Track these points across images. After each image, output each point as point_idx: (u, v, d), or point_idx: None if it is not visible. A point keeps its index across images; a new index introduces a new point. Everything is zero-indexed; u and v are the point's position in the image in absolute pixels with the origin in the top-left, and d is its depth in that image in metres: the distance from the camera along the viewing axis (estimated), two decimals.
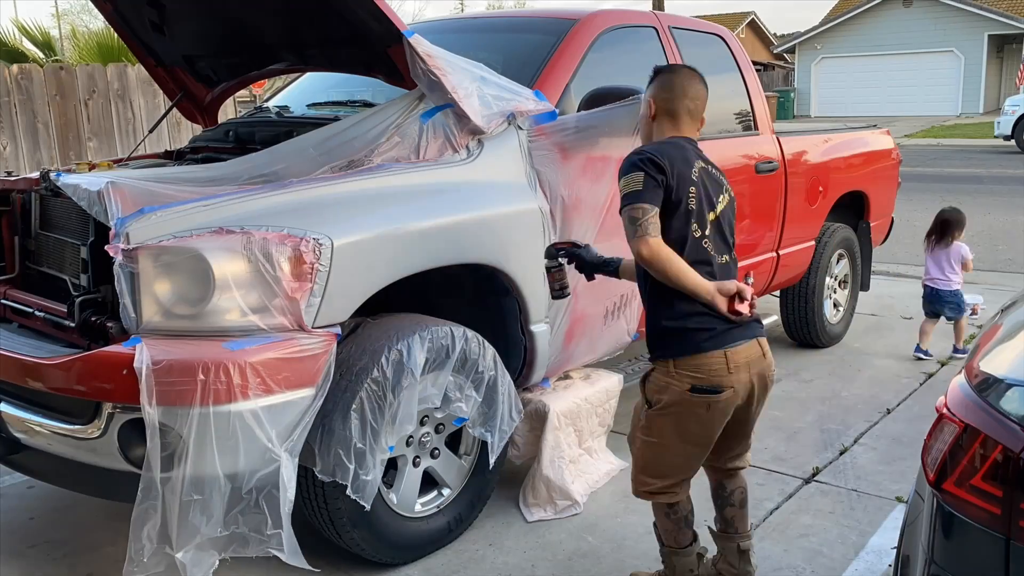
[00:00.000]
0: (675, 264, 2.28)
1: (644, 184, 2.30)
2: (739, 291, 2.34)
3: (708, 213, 2.39)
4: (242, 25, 3.66)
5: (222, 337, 2.44)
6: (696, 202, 2.35)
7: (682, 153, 2.40)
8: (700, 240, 2.37)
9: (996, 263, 7.90)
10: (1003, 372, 1.81)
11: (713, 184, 2.44)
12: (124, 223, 2.44)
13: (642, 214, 2.28)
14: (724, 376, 2.33)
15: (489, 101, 3.12)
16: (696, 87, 2.55)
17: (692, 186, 2.35)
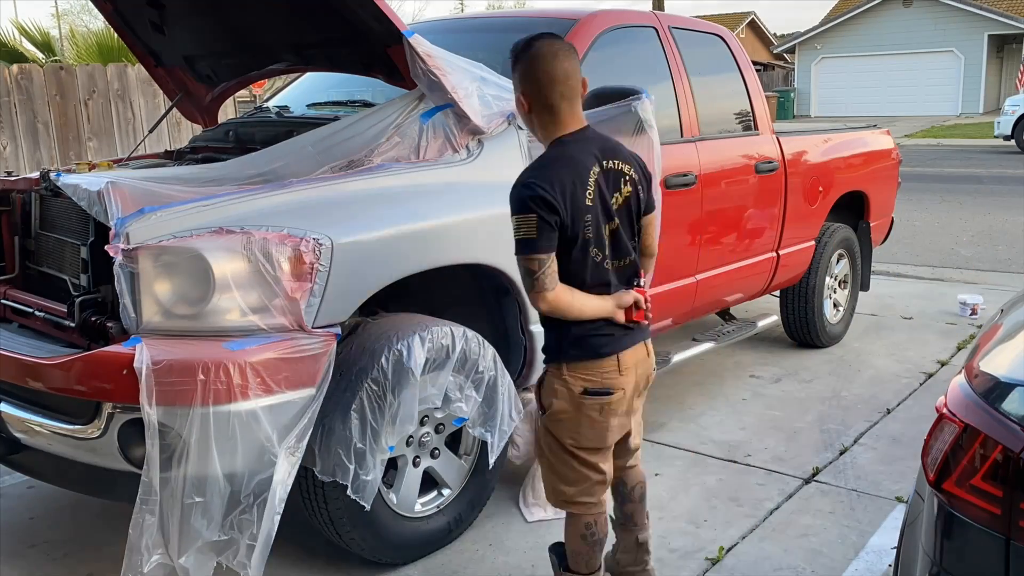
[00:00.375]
0: (575, 307, 2.26)
1: (538, 230, 2.16)
2: (635, 302, 2.35)
3: (606, 225, 2.29)
4: (242, 25, 3.66)
5: (222, 337, 2.44)
6: (593, 228, 2.24)
7: (574, 171, 2.22)
8: (601, 263, 2.31)
9: (996, 263, 7.90)
10: (1003, 372, 1.81)
11: (612, 184, 2.30)
12: (124, 223, 2.44)
13: (539, 266, 2.19)
14: (615, 378, 2.34)
15: (489, 101, 3.12)
16: (561, 66, 2.23)
17: (587, 213, 2.22)
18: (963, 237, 9.22)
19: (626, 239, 2.37)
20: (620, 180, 2.33)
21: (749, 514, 3.35)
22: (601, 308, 2.30)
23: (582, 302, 2.27)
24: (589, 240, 2.25)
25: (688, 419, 4.30)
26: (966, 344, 5.42)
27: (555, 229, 2.18)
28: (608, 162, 2.30)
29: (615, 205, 2.31)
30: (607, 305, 2.31)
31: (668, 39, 4.15)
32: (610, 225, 2.30)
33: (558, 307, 2.24)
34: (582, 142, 2.28)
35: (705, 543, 3.14)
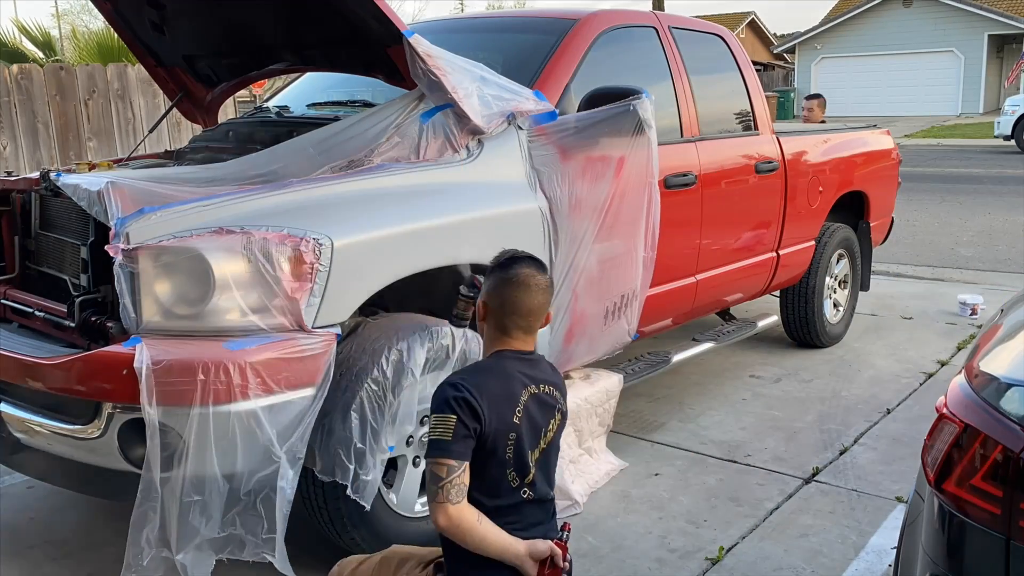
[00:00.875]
0: (477, 533, 1.94)
1: (454, 433, 1.92)
2: (552, 555, 1.98)
3: (532, 453, 2.05)
4: (242, 25, 3.66)
5: (222, 337, 2.44)
6: (514, 449, 2.01)
7: (507, 386, 2.03)
8: (518, 489, 2.03)
9: (996, 263, 7.90)
10: (1003, 372, 1.81)
11: (543, 411, 2.09)
12: (124, 223, 2.44)
13: (447, 473, 1.91)
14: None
15: (489, 101, 3.12)
16: (532, 300, 2.09)
17: (512, 432, 2.00)
18: (963, 237, 9.22)
19: (548, 472, 2.13)
20: (554, 409, 2.13)
21: (749, 514, 3.35)
22: (508, 549, 1.96)
23: (486, 531, 1.95)
24: (507, 461, 2.01)
25: (688, 419, 4.30)
26: (966, 344, 5.42)
27: (472, 438, 1.95)
28: (543, 387, 2.10)
29: (548, 434, 2.11)
30: (516, 548, 1.97)
31: (668, 39, 4.15)
32: (535, 453, 2.07)
33: (459, 527, 1.93)
34: (522, 361, 2.10)
35: (705, 543, 3.14)
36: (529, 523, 2.05)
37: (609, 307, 3.53)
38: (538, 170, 3.24)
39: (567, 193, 3.25)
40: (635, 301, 3.60)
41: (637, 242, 3.48)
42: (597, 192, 3.33)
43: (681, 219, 3.93)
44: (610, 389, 3.68)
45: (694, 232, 4.10)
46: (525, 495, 2.05)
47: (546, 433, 2.10)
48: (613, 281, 3.47)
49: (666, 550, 3.10)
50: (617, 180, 3.32)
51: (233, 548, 2.48)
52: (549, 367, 2.20)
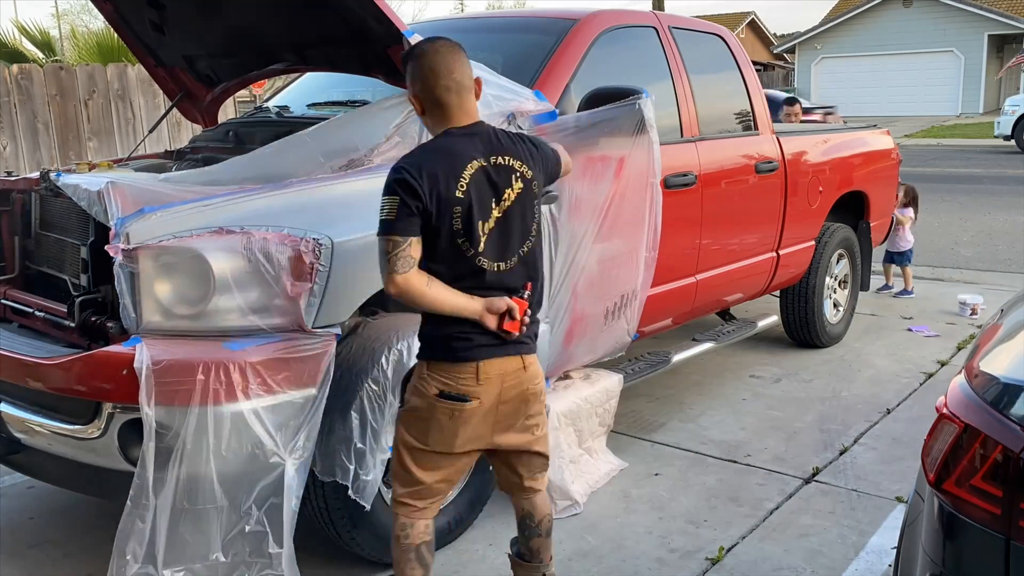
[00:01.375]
0: (427, 296, 2.16)
1: (397, 212, 2.11)
2: (509, 309, 2.20)
3: (483, 223, 2.18)
4: (242, 25, 3.66)
5: (222, 337, 2.44)
6: (463, 220, 2.15)
7: (448, 161, 2.17)
8: (472, 258, 2.19)
9: (996, 263, 7.90)
10: (1003, 372, 1.81)
11: (496, 181, 2.21)
12: (124, 223, 2.44)
13: (392, 247, 2.11)
14: (472, 387, 2.23)
15: (489, 101, 3.11)
16: (443, 61, 2.21)
17: (456, 205, 2.14)
18: (963, 237, 9.21)
19: (513, 240, 2.25)
20: (510, 177, 2.23)
21: (749, 514, 3.35)
22: (462, 306, 2.19)
23: (437, 293, 2.17)
24: (458, 232, 2.16)
25: (688, 419, 4.30)
26: (966, 344, 5.42)
27: (416, 215, 2.12)
28: (496, 158, 2.22)
29: (503, 202, 2.22)
30: (472, 305, 2.19)
31: (668, 39, 4.15)
32: (488, 223, 2.20)
33: (407, 292, 2.14)
34: (468, 136, 2.22)
35: (705, 543, 3.14)
36: (489, 288, 2.22)
37: (609, 307, 3.53)
38: None
39: (567, 193, 3.25)
40: (635, 301, 3.60)
41: (637, 242, 3.48)
42: (597, 192, 3.32)
43: (681, 219, 3.93)
44: (610, 389, 3.68)
45: (694, 232, 4.10)
46: (480, 263, 2.20)
47: (501, 202, 2.22)
48: (613, 281, 3.47)
49: (666, 550, 3.10)
50: (617, 180, 3.32)
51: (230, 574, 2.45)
52: (505, 136, 2.28)
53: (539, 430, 2.43)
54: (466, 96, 2.24)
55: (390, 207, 2.12)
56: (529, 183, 2.27)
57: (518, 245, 2.26)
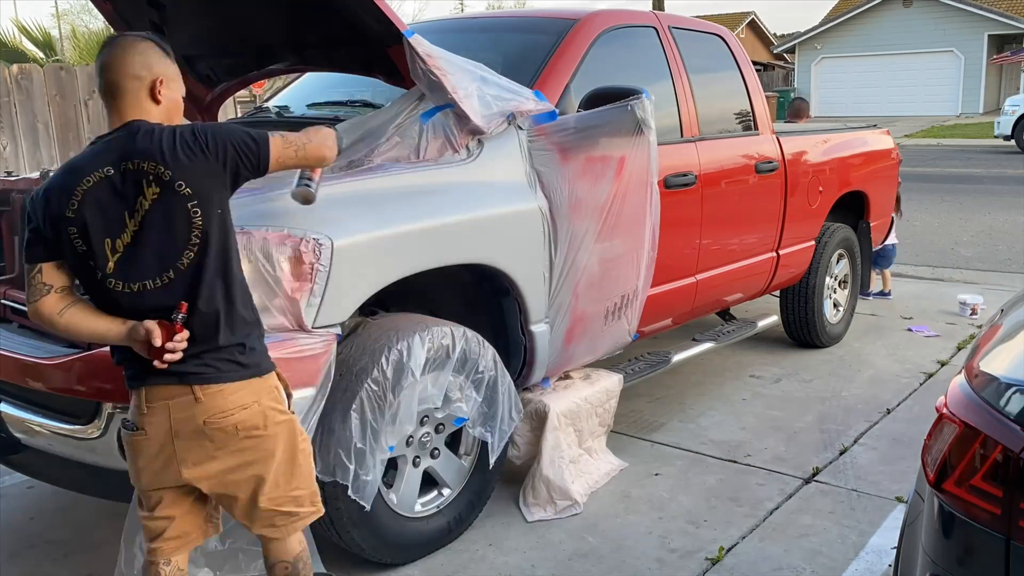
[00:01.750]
0: (60, 325, 2.01)
1: (27, 239, 2.01)
2: (148, 334, 1.94)
3: (113, 240, 1.96)
4: (242, 25, 3.66)
5: None
6: (83, 241, 1.96)
7: (67, 178, 1.97)
8: (104, 280, 1.98)
9: (996, 263, 7.90)
10: (1003, 372, 1.81)
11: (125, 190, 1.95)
12: None
13: (27, 274, 2.01)
14: (139, 416, 2.06)
15: (489, 101, 3.12)
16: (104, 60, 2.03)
17: (70, 225, 1.95)
18: (963, 237, 9.22)
19: (159, 254, 1.98)
20: (140, 182, 1.95)
21: (749, 514, 3.35)
22: (105, 333, 2.00)
23: (71, 320, 2.01)
24: (84, 254, 1.97)
25: (688, 419, 4.30)
26: (966, 344, 5.42)
27: (38, 241, 1.99)
28: (128, 164, 1.95)
29: (136, 214, 1.96)
30: (116, 330, 1.99)
31: (668, 39, 4.15)
32: (120, 239, 1.96)
33: (41, 321, 2.03)
34: (105, 143, 2.01)
35: (705, 543, 3.14)
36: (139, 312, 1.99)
37: (609, 307, 3.53)
38: (538, 170, 3.24)
39: (567, 193, 3.25)
40: (635, 301, 3.60)
41: (637, 242, 3.48)
42: (597, 192, 3.33)
43: (681, 219, 3.94)
44: (610, 389, 3.68)
45: (694, 232, 4.10)
46: (111, 284, 1.98)
47: (135, 213, 1.96)
48: (613, 281, 3.47)
49: (666, 550, 3.10)
50: (617, 180, 3.32)
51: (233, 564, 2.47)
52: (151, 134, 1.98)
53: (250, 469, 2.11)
54: (122, 97, 2.01)
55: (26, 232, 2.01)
56: (169, 186, 1.95)
57: (169, 260, 1.98)
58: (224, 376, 2.04)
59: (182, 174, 1.96)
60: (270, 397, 2.13)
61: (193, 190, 1.97)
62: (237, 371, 2.06)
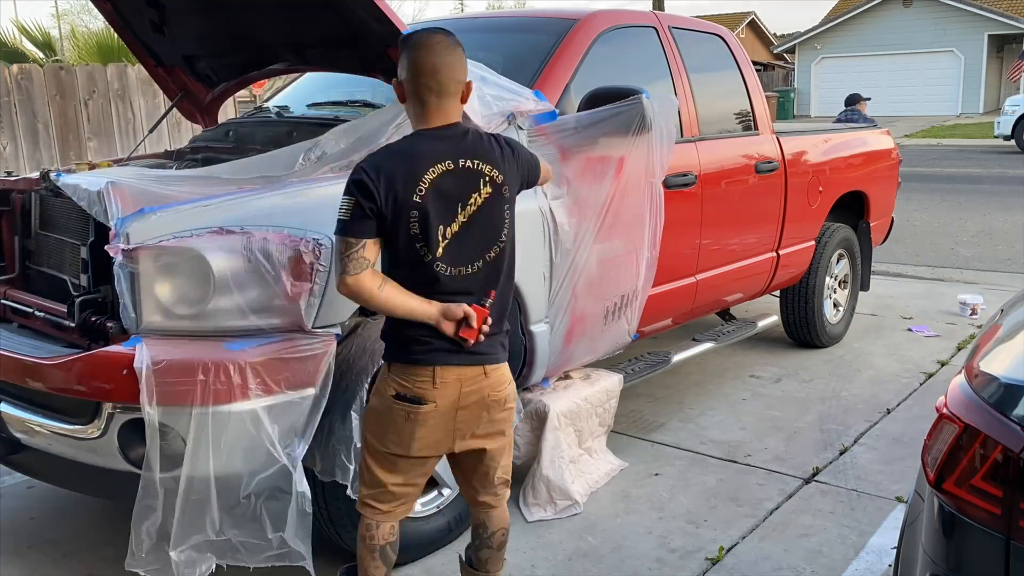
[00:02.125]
0: (379, 298, 2.13)
1: (352, 213, 2.10)
2: (466, 316, 2.16)
3: (445, 227, 2.14)
4: (242, 25, 3.66)
5: (222, 337, 2.44)
6: (420, 225, 2.12)
7: (408, 164, 2.13)
8: (431, 264, 2.15)
9: (996, 263, 7.90)
10: (1003, 372, 1.81)
11: (461, 185, 2.17)
12: (124, 223, 2.44)
13: (345, 248, 2.11)
14: (427, 390, 2.20)
15: (489, 101, 3.11)
16: (431, 59, 2.16)
17: (414, 209, 2.10)
18: (963, 237, 9.22)
19: (478, 245, 2.20)
20: (478, 180, 2.18)
21: (749, 514, 3.35)
22: (417, 310, 2.16)
23: (389, 296, 2.14)
24: (415, 237, 2.13)
25: (688, 419, 4.30)
26: (966, 344, 5.42)
27: (371, 217, 2.10)
28: (465, 161, 2.17)
29: (468, 206, 2.17)
30: (428, 310, 2.16)
31: (668, 39, 4.15)
32: (450, 227, 2.16)
33: (359, 294, 2.13)
34: (439, 139, 2.18)
35: (705, 543, 3.14)
36: (448, 294, 2.18)
37: (609, 307, 3.53)
38: None
39: (567, 193, 3.25)
40: (635, 301, 3.60)
41: (638, 242, 3.48)
42: (597, 192, 3.33)
43: (681, 219, 3.93)
44: (610, 389, 3.68)
45: (694, 232, 4.10)
46: (438, 268, 2.16)
47: (465, 206, 2.17)
48: (613, 281, 3.47)
49: (666, 550, 3.10)
50: (617, 180, 3.32)
51: (231, 555, 2.48)
52: (478, 139, 2.23)
53: (500, 439, 2.38)
54: (447, 99, 2.19)
55: (346, 208, 2.11)
56: (499, 187, 2.22)
57: (483, 251, 2.21)
58: (502, 357, 2.34)
59: (508, 179, 2.25)
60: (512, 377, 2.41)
61: (511, 194, 2.27)
62: (504, 353, 2.36)
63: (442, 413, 2.23)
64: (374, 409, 2.30)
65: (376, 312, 2.25)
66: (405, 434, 2.24)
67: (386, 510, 2.35)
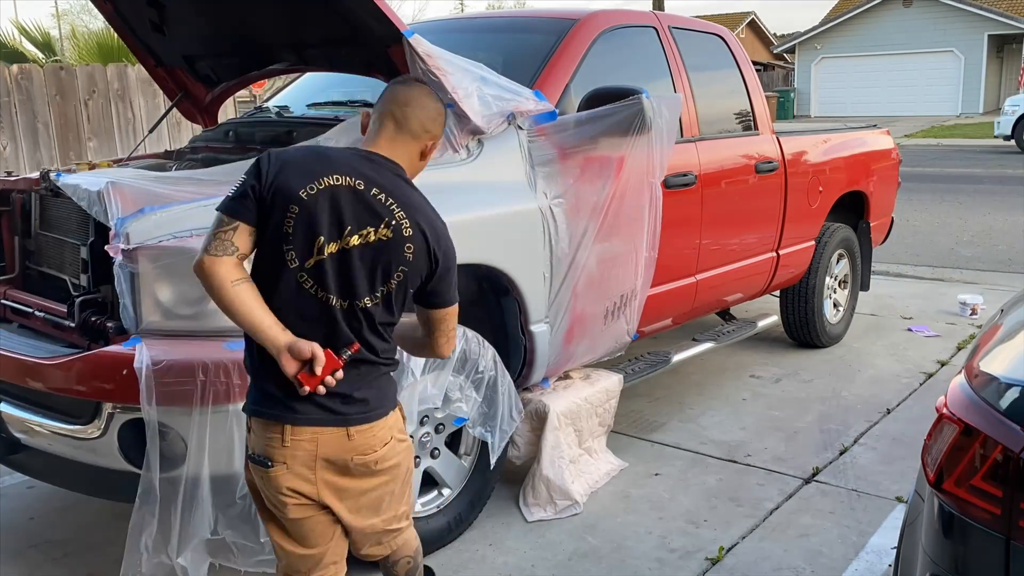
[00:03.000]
0: (226, 293, 1.87)
1: (237, 190, 1.90)
2: (313, 358, 1.86)
3: (320, 239, 1.88)
4: (242, 25, 3.66)
5: (222, 337, 2.44)
6: (295, 224, 1.87)
7: (314, 163, 1.93)
8: (295, 273, 1.90)
9: (996, 263, 7.90)
10: (1003, 372, 1.81)
11: (359, 209, 1.91)
12: (124, 223, 2.44)
13: (216, 225, 1.89)
14: (276, 448, 1.93)
15: (489, 101, 3.12)
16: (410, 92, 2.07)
17: (295, 204, 1.87)
18: (963, 237, 9.21)
19: (351, 279, 1.91)
20: (383, 218, 1.92)
21: (749, 514, 3.35)
22: (263, 327, 1.87)
23: (237, 296, 1.87)
24: (287, 235, 1.88)
25: (688, 419, 4.30)
26: (966, 344, 5.42)
27: (252, 198, 1.88)
28: (379, 193, 1.93)
29: (358, 236, 1.91)
30: (275, 334, 1.87)
31: (668, 39, 4.15)
32: (330, 244, 1.90)
33: (209, 278, 1.87)
34: (369, 161, 1.99)
35: (705, 543, 3.14)
36: (308, 321, 1.91)
37: (609, 307, 3.53)
38: (538, 170, 3.24)
39: (567, 193, 3.25)
40: (634, 301, 3.60)
41: (637, 242, 3.48)
42: (597, 192, 3.33)
43: (681, 219, 3.93)
44: (610, 389, 3.68)
45: (694, 232, 4.10)
46: (301, 278, 1.90)
47: (353, 235, 1.90)
48: (613, 281, 3.47)
49: (666, 550, 3.10)
50: (617, 180, 3.32)
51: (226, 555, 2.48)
52: (416, 195, 2.01)
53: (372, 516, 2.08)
54: (404, 138, 2.04)
55: (235, 186, 1.93)
56: (402, 241, 1.94)
57: (358, 292, 1.93)
58: (375, 414, 2.01)
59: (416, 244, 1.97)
60: (397, 429, 2.10)
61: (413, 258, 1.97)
62: (383, 408, 2.03)
63: (297, 473, 1.95)
64: (246, 463, 2.06)
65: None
66: (270, 499, 2.01)
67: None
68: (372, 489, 2.05)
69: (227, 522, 2.47)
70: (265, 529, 2.14)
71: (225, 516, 2.46)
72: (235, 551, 2.49)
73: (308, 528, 2.03)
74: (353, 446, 1.97)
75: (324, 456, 1.95)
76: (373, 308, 1.95)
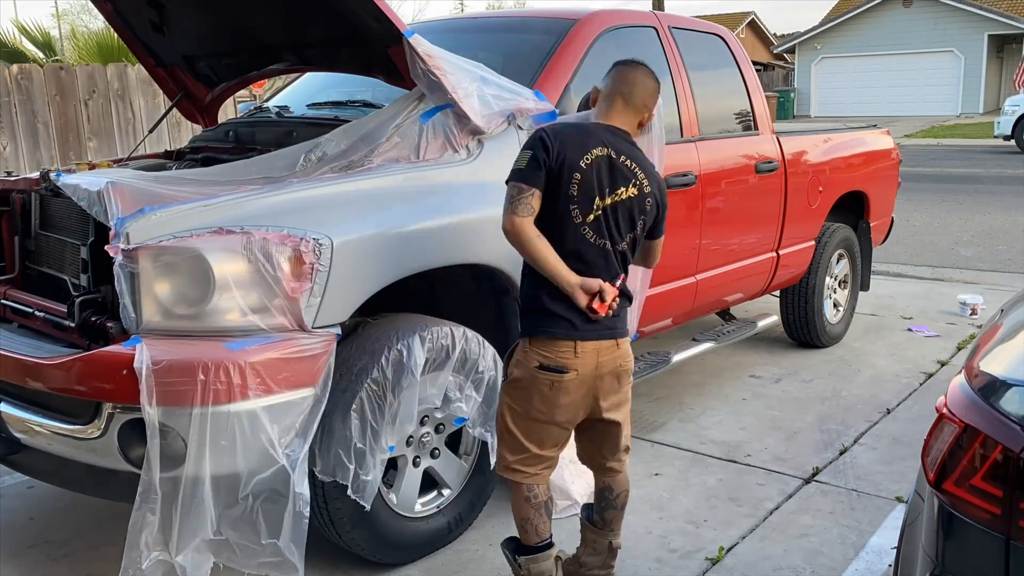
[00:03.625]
0: (532, 247, 2.36)
1: (528, 163, 2.37)
2: (601, 290, 2.39)
3: (596, 199, 2.40)
4: (242, 25, 3.66)
5: (222, 337, 2.44)
6: (579, 188, 2.37)
7: (582, 138, 2.43)
8: (579, 227, 2.40)
9: (996, 263, 7.90)
10: (1003, 372, 1.81)
11: (615, 173, 2.44)
12: (124, 223, 2.44)
13: (517, 193, 2.36)
14: (569, 359, 2.43)
15: (489, 101, 3.12)
16: (639, 74, 2.60)
17: (577, 172, 2.37)
18: (963, 237, 9.22)
19: (616, 228, 2.45)
20: (629, 179, 2.45)
21: (749, 514, 3.35)
22: (561, 271, 2.37)
23: (542, 247, 2.36)
24: (572, 197, 2.37)
25: (688, 419, 4.30)
26: (966, 344, 5.42)
27: (542, 168, 2.35)
28: (624, 159, 2.44)
29: (616, 195, 2.42)
30: (568, 277, 2.38)
31: (668, 39, 4.15)
32: (601, 202, 2.40)
33: (518, 235, 2.35)
34: (611, 132, 2.48)
35: (705, 543, 3.14)
36: (587, 264, 2.41)
37: None
38: None
39: None
40: (634, 301, 3.59)
41: None
42: None
43: (681, 219, 3.93)
44: None
45: (694, 232, 4.10)
46: (585, 232, 2.40)
47: (615, 192, 2.43)
48: None
49: (666, 550, 3.10)
50: None
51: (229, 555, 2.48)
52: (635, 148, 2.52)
53: (626, 407, 2.62)
54: (630, 112, 2.55)
55: (523, 159, 2.38)
56: (644, 195, 2.48)
57: (620, 238, 2.46)
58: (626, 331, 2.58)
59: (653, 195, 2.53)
60: None
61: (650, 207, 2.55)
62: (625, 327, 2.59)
63: (582, 381, 2.46)
64: (518, 380, 2.50)
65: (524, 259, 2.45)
66: (549, 401, 2.47)
67: (534, 472, 2.57)
68: (626, 395, 2.61)
69: (229, 523, 2.46)
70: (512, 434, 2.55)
71: (227, 516, 2.45)
72: (238, 552, 2.49)
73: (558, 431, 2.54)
74: (621, 354, 2.53)
75: (602, 362, 2.47)
76: (626, 248, 2.51)
